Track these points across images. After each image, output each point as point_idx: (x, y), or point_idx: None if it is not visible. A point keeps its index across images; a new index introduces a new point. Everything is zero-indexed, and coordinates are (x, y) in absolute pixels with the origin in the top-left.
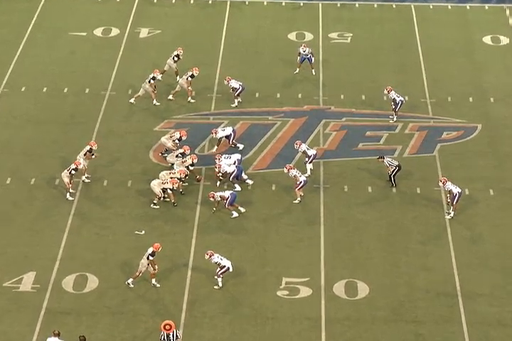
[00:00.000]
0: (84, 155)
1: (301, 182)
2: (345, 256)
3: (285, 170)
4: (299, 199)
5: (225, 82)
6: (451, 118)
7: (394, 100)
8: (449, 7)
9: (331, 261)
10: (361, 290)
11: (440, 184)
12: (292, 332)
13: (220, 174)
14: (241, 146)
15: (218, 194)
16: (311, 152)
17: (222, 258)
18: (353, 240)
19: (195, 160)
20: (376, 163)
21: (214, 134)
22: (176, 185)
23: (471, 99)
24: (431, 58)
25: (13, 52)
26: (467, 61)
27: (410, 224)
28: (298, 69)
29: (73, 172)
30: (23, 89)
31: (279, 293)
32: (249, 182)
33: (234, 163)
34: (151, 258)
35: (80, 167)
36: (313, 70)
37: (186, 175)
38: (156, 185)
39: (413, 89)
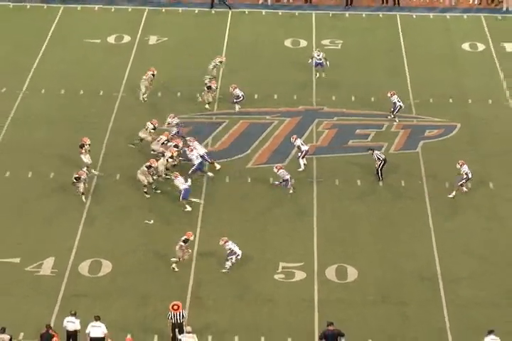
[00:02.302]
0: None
1: (285, 181)
2: (336, 244)
3: (275, 170)
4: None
5: (231, 89)
6: (432, 118)
7: (394, 103)
8: (431, 16)
9: (323, 248)
10: (351, 274)
11: (458, 166)
12: (288, 313)
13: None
14: (218, 166)
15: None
16: (304, 147)
17: (235, 245)
18: (343, 229)
19: (175, 153)
20: (365, 158)
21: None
22: (176, 154)
23: (451, 100)
24: (414, 63)
25: (33, 57)
26: (447, 66)
27: (396, 215)
28: (318, 74)
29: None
30: (42, 91)
31: (276, 277)
32: (210, 174)
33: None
34: (183, 244)
35: (87, 161)
36: (323, 74)
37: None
38: (140, 174)
39: (398, 91)
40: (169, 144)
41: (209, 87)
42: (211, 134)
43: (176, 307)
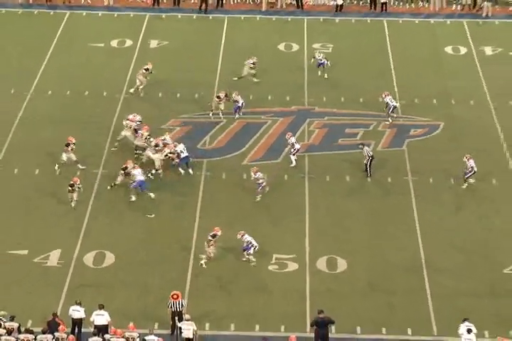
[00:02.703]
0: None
1: (260, 185)
2: (327, 237)
3: (252, 172)
4: (258, 198)
5: (233, 95)
6: (417, 118)
7: (387, 104)
8: (416, 22)
9: (314, 241)
10: (340, 265)
11: (465, 159)
12: (281, 302)
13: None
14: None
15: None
16: (297, 146)
17: (251, 238)
18: (333, 223)
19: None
20: (354, 156)
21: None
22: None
23: (435, 101)
24: (401, 66)
25: (40, 61)
26: (432, 68)
27: (383, 209)
28: (320, 72)
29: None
30: (49, 92)
31: (270, 268)
32: (182, 171)
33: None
34: (212, 239)
35: (65, 159)
36: (325, 74)
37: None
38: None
39: (384, 91)
40: (168, 141)
41: (218, 97)
42: (209, 133)
43: (175, 296)
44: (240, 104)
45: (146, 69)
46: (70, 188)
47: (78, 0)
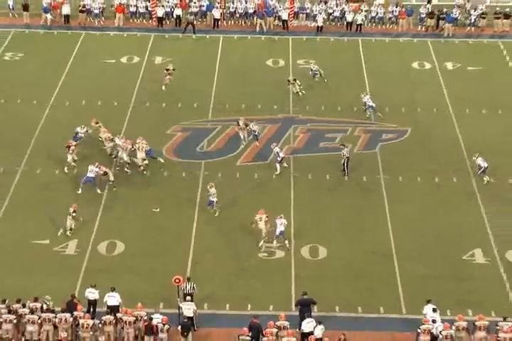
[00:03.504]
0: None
1: (210, 202)
2: (310, 228)
3: (208, 187)
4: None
5: (251, 125)
6: (388, 124)
7: (365, 103)
8: (387, 41)
9: (299, 231)
10: (321, 252)
11: (474, 158)
12: (270, 285)
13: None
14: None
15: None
16: (282, 154)
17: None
18: (315, 215)
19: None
20: (333, 157)
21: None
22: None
23: (403, 109)
24: (373, 79)
25: (59, 75)
26: (400, 81)
27: (359, 204)
28: (317, 79)
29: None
30: (67, 103)
31: (260, 255)
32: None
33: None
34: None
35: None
36: (325, 80)
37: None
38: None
39: (360, 102)
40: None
41: (244, 125)
42: (206, 138)
43: (177, 280)
44: (256, 133)
45: (167, 70)
46: (72, 215)
47: (92, 22)
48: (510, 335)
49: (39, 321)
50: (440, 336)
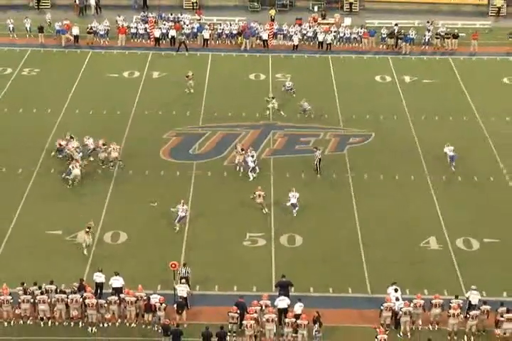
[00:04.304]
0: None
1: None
2: (288, 219)
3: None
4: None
5: (249, 151)
6: (355, 129)
7: (301, 105)
8: (353, 57)
9: (278, 222)
10: (298, 241)
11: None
12: (253, 269)
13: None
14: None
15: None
16: (251, 164)
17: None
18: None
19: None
20: (307, 158)
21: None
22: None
23: (368, 116)
24: (341, 90)
25: (70, 87)
26: (365, 92)
27: (329, 198)
28: (291, 92)
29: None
30: (77, 111)
31: (244, 243)
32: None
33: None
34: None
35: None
36: (294, 95)
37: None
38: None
39: (330, 110)
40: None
41: (241, 149)
42: (198, 141)
43: (173, 265)
44: (254, 159)
45: (187, 76)
46: (87, 230)
47: (98, 42)
48: (458, 311)
49: (51, 300)
50: (400, 312)
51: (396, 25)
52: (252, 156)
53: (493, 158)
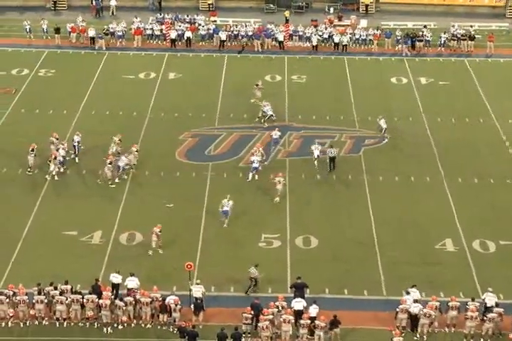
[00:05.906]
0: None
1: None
2: (303, 220)
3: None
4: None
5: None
6: (370, 131)
7: (263, 112)
8: (369, 59)
9: (293, 223)
10: (313, 242)
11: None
12: (269, 270)
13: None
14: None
15: None
16: (256, 165)
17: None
18: (307, 209)
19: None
20: (322, 159)
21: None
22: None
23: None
24: (357, 92)
25: (86, 88)
26: (380, 93)
27: (344, 199)
28: (262, 120)
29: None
30: (93, 112)
31: (260, 244)
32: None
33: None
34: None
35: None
36: (265, 124)
37: None
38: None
39: (345, 112)
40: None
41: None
42: (213, 143)
43: (189, 266)
44: (259, 159)
45: (256, 85)
46: (156, 233)
47: (114, 43)
48: (476, 313)
49: (67, 301)
50: (421, 312)
51: (425, 27)
52: (262, 155)
53: (509, 160)
